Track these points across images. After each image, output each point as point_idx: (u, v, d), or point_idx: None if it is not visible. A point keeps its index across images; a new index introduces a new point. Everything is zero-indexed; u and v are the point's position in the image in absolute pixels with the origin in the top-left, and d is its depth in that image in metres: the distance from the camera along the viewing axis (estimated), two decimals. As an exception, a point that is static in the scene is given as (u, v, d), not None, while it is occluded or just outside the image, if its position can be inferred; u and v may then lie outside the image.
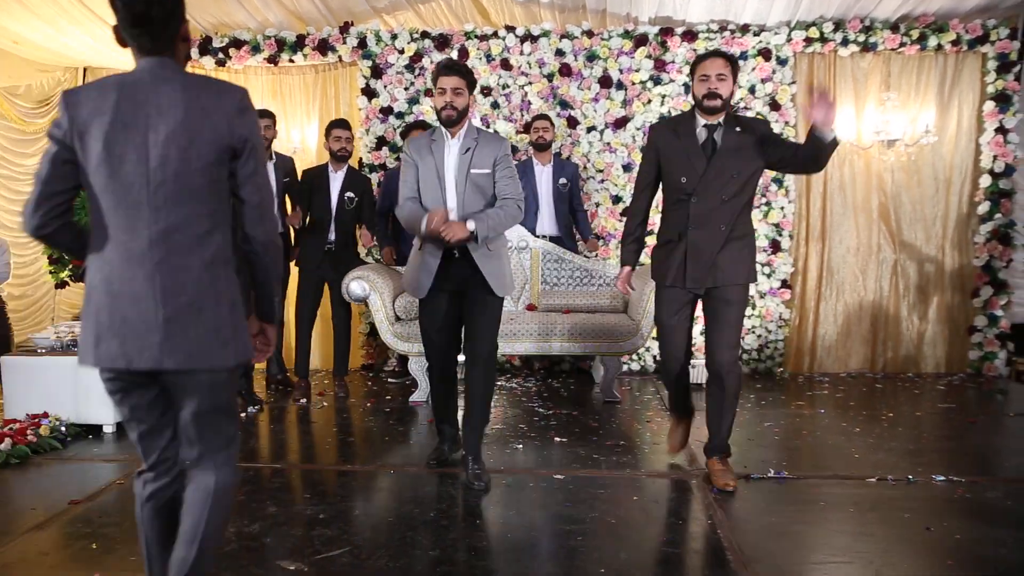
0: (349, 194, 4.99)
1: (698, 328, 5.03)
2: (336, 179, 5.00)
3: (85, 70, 6.77)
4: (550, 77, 5.90)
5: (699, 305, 3.36)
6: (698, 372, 5.34)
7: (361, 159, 5.99)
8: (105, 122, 1.75)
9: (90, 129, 1.76)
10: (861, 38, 5.69)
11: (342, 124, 5.07)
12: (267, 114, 5.01)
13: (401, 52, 5.92)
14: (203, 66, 6.11)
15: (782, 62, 5.76)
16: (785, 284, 5.85)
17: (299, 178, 5.19)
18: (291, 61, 6.05)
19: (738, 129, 3.13)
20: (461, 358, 3.49)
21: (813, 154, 2.98)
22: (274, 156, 5.04)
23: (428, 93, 5.94)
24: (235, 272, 1.91)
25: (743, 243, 3.20)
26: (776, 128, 5.73)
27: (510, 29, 5.85)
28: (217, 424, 1.91)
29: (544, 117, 5.47)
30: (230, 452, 1.96)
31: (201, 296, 1.81)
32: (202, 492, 1.90)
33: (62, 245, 1.90)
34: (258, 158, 1.89)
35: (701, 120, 3.16)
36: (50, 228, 1.83)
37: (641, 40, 5.80)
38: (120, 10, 1.76)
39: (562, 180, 5.44)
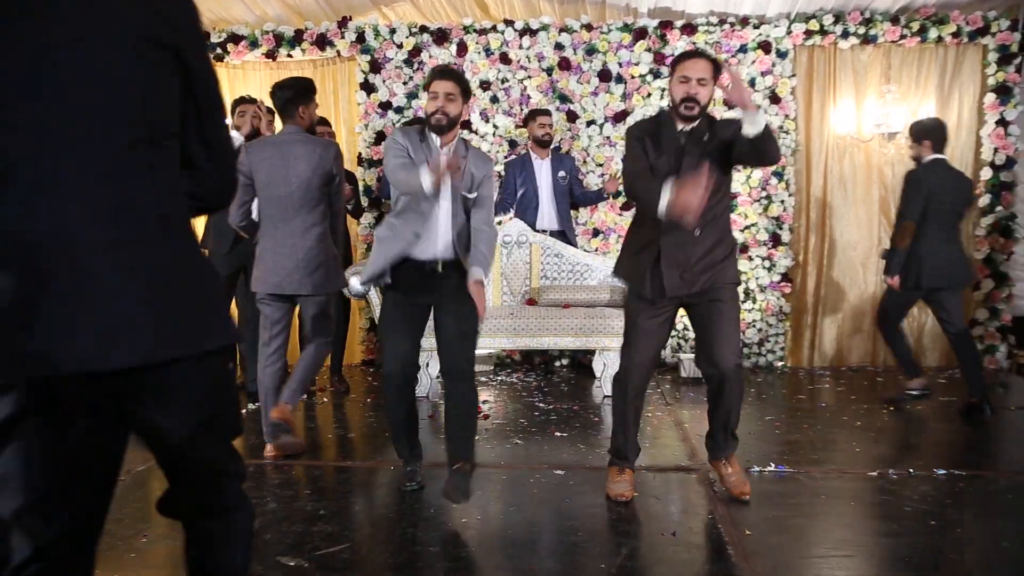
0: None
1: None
2: None
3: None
4: (549, 71, 5.88)
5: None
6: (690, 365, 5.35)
7: (360, 154, 5.98)
8: (267, 165, 3.46)
9: (259, 167, 3.46)
10: (861, 30, 5.67)
11: (321, 122, 5.01)
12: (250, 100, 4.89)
13: (400, 47, 5.90)
14: (201, 61, 6.08)
15: (782, 55, 5.74)
16: (785, 278, 5.84)
17: None
18: (289, 56, 6.03)
19: (712, 132, 2.93)
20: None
21: (746, 151, 2.80)
22: None
23: (427, 88, 5.91)
24: (332, 244, 3.62)
25: (722, 248, 2.98)
26: (776, 121, 5.72)
27: (509, 23, 5.83)
28: (322, 322, 3.66)
29: (545, 112, 5.46)
30: (329, 336, 3.73)
31: (317, 258, 3.51)
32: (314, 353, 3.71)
33: (247, 230, 3.69)
34: (342, 180, 3.66)
35: (678, 125, 2.95)
36: (244, 221, 3.62)
37: (640, 34, 5.78)
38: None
39: (561, 173, 5.43)
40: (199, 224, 4.80)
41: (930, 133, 4.46)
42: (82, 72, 1.14)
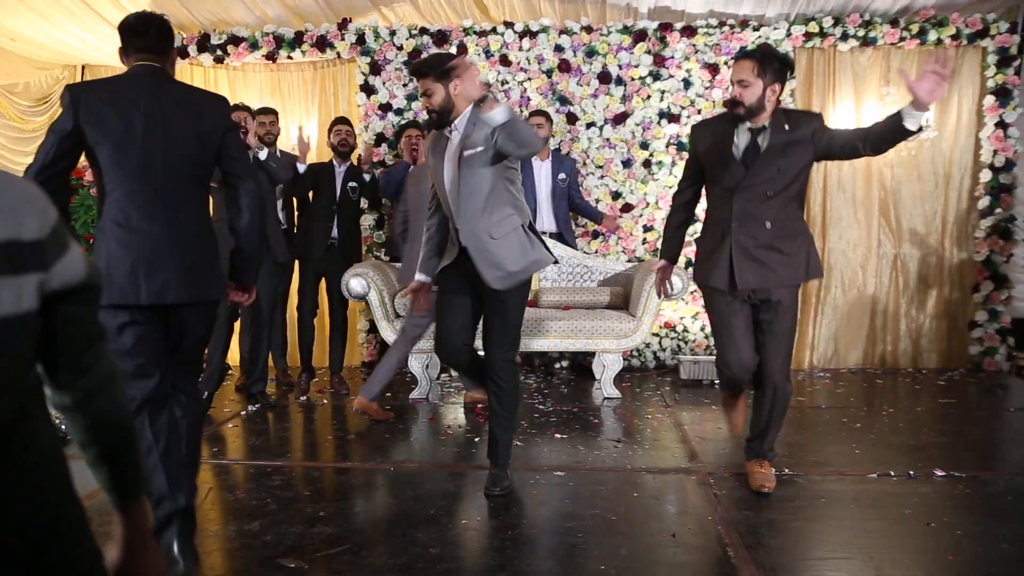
0: (351, 184, 5.20)
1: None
2: (339, 173, 5.14)
3: (84, 68, 6.75)
4: (549, 73, 5.89)
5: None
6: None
7: (360, 156, 5.98)
8: (412, 188, 4.45)
9: (408, 191, 4.59)
10: (860, 33, 5.68)
11: (342, 120, 5.28)
12: (270, 111, 4.97)
13: (400, 48, 5.91)
14: (201, 63, 6.09)
15: (782, 57, 5.73)
16: (785, 280, 5.84)
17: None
18: (289, 58, 6.03)
19: (787, 127, 2.93)
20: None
21: (890, 137, 2.77)
22: (279, 153, 4.97)
23: (427, 89, 5.93)
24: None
25: (795, 242, 3.02)
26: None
27: (509, 25, 5.84)
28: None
29: (539, 113, 5.46)
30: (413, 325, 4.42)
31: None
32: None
33: (402, 237, 4.69)
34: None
35: (746, 123, 2.97)
36: (400, 228, 4.73)
37: (640, 36, 5.78)
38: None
39: (561, 176, 5.43)
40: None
41: None
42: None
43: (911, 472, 3.36)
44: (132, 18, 2.44)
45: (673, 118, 5.83)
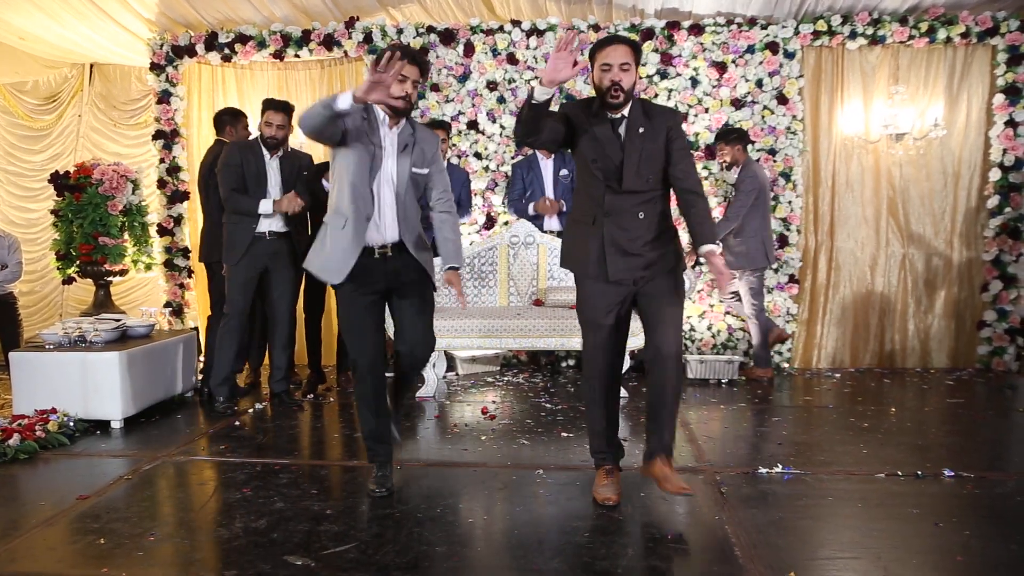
0: None
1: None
2: None
3: (92, 66, 6.78)
4: (556, 71, 5.87)
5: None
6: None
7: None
8: None
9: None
10: (869, 31, 5.66)
11: None
12: (279, 107, 4.67)
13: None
14: (208, 61, 6.11)
15: (789, 55, 5.72)
16: (793, 279, 5.83)
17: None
18: (297, 56, 6.04)
19: (641, 127, 2.87)
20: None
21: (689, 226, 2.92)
22: (280, 151, 4.82)
23: (434, 88, 5.93)
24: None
25: (666, 236, 2.93)
26: (784, 121, 5.71)
27: (516, 23, 5.83)
28: None
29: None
30: None
31: None
32: None
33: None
34: None
35: (609, 114, 2.89)
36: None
37: (647, 34, 5.77)
38: None
39: (563, 172, 5.41)
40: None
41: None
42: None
43: (919, 472, 3.35)
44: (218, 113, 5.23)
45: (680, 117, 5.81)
